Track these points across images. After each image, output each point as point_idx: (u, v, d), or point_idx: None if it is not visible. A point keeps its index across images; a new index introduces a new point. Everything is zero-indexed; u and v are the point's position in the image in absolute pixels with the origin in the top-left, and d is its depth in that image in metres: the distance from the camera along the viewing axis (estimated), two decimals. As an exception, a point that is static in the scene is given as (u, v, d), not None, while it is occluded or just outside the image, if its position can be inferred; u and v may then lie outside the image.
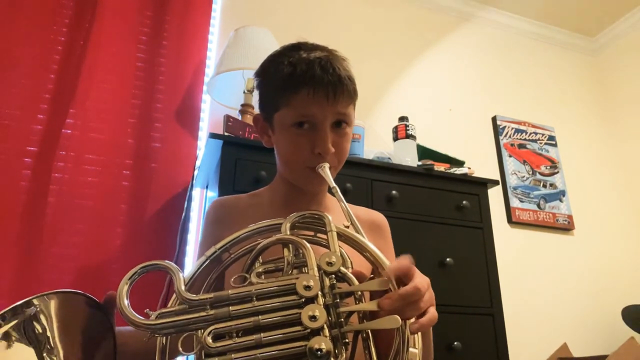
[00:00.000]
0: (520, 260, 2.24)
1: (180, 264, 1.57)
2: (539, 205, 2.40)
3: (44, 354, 0.49)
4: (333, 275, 0.51)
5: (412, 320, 0.51)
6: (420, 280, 0.53)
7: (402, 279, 0.52)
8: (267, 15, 2.15)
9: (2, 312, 0.48)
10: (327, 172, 0.70)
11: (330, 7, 2.34)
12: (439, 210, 1.59)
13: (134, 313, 0.48)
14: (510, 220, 2.30)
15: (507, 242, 2.23)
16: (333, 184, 0.68)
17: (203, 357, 0.46)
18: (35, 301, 0.51)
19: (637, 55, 2.75)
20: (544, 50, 2.86)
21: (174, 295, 0.51)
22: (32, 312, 0.50)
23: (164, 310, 0.49)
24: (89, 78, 1.65)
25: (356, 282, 0.52)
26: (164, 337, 0.49)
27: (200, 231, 1.66)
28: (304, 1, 2.28)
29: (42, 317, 0.51)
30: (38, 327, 0.50)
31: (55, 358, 0.50)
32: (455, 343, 1.41)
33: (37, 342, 0.49)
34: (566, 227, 2.42)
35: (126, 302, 0.49)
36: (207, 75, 1.87)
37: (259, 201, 0.84)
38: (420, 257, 1.49)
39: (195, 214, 1.72)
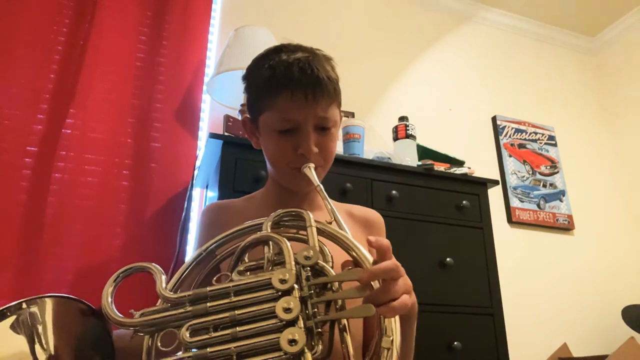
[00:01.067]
0: (520, 260, 2.24)
1: (180, 264, 1.57)
2: (539, 205, 2.40)
3: (37, 352, 0.50)
4: (309, 268, 0.52)
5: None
6: (397, 263, 0.53)
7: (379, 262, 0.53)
8: (267, 15, 2.15)
9: (0, 309, 0.49)
10: (312, 172, 0.71)
11: (330, 7, 2.34)
12: (439, 210, 1.59)
13: (117, 312, 0.51)
14: (510, 220, 2.30)
15: (507, 242, 2.23)
16: (317, 182, 0.69)
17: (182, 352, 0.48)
18: (29, 303, 0.52)
19: (636, 55, 2.76)
20: (544, 50, 2.86)
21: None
22: (26, 312, 0.51)
23: (147, 309, 0.51)
24: (88, 78, 1.65)
25: (334, 273, 0.53)
26: (150, 337, 0.50)
27: (195, 234, 1.67)
28: (304, 1, 2.28)
29: (37, 318, 0.52)
30: (33, 327, 0.51)
31: (47, 356, 0.51)
32: (455, 343, 1.41)
33: (32, 341, 0.50)
34: (566, 227, 2.42)
35: (109, 300, 0.51)
36: (207, 75, 1.87)
37: (251, 203, 0.86)
38: (420, 257, 1.49)
39: (195, 214, 1.72)
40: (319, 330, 0.48)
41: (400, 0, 2.55)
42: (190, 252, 1.64)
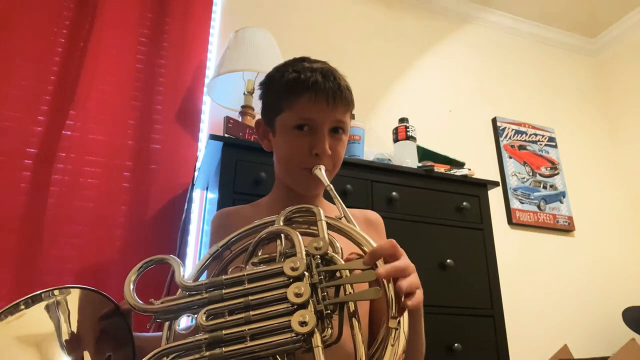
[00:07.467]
0: (521, 262, 2.24)
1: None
2: (539, 207, 2.40)
3: (62, 333, 0.54)
4: (318, 256, 0.54)
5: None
6: (405, 260, 0.55)
7: (388, 259, 0.55)
8: (267, 16, 2.15)
9: (30, 296, 0.54)
10: (322, 173, 0.74)
11: (330, 8, 2.34)
12: (439, 212, 1.59)
13: (138, 299, 0.54)
14: (510, 222, 2.30)
15: (507, 243, 2.23)
16: (327, 182, 0.73)
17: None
18: (56, 292, 0.57)
19: (637, 57, 2.75)
20: (544, 52, 2.86)
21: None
22: (57, 299, 0.56)
23: (166, 298, 0.54)
24: (89, 79, 1.65)
25: (342, 262, 0.55)
26: (168, 324, 0.53)
27: (201, 237, 1.67)
28: (304, 3, 2.28)
29: (65, 304, 0.56)
30: (61, 311, 0.56)
31: (75, 345, 0.54)
32: (456, 345, 1.41)
33: (58, 324, 0.54)
34: (566, 229, 2.42)
35: (132, 287, 0.55)
36: (207, 76, 1.87)
37: (259, 210, 0.88)
38: (420, 258, 1.49)
39: (196, 215, 1.72)
40: (329, 312, 0.50)
41: (401, 2, 2.55)
42: (191, 253, 1.64)
